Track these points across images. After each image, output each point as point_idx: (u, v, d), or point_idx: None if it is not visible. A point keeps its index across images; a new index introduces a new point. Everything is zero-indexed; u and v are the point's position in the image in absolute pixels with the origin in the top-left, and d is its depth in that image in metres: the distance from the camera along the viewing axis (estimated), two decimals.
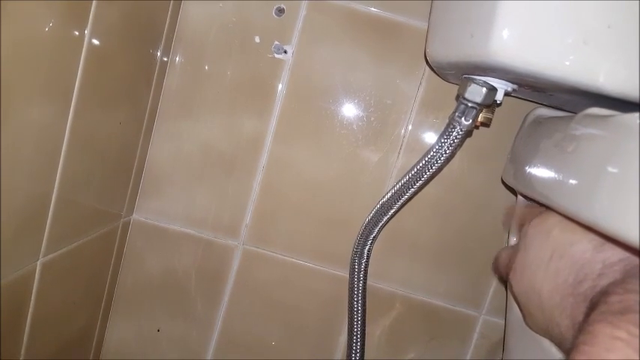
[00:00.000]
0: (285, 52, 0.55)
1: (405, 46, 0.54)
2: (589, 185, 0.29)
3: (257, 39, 0.55)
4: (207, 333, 0.61)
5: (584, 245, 0.31)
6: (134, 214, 0.59)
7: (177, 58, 0.56)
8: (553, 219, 0.35)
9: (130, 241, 0.60)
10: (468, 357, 0.59)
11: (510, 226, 0.43)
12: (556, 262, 0.33)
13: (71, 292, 0.50)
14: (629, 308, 0.22)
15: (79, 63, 0.38)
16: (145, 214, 0.59)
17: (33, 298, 0.42)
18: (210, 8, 0.55)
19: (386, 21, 0.53)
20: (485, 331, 0.59)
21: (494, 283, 0.57)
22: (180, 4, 0.55)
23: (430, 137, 0.55)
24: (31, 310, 0.43)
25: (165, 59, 0.55)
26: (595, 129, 0.31)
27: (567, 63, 0.33)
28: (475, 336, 0.59)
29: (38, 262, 0.42)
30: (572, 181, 0.31)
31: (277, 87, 0.56)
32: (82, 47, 0.38)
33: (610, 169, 0.28)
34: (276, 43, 0.55)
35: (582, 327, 0.24)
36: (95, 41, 0.39)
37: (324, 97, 0.55)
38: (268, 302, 0.60)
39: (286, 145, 0.57)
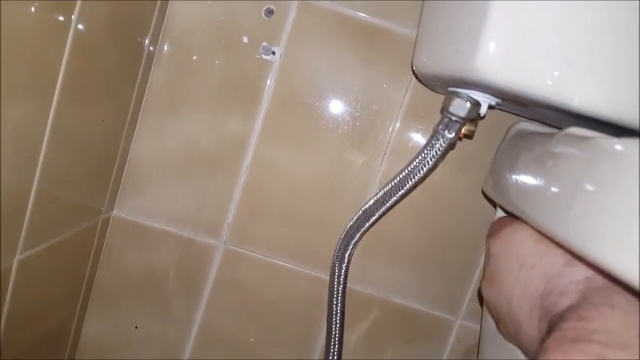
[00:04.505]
0: (274, 53, 0.55)
1: (393, 53, 0.54)
2: (564, 204, 0.30)
3: (245, 39, 0.54)
4: (185, 331, 0.61)
5: (555, 258, 0.32)
6: (114, 211, 0.59)
7: (164, 55, 0.55)
8: (527, 228, 0.36)
9: (109, 238, 0.59)
10: (445, 359, 0.60)
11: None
12: (527, 272, 0.33)
13: (48, 290, 0.49)
14: (580, 337, 0.23)
15: (62, 57, 0.38)
16: (125, 210, 0.59)
17: (9, 295, 0.42)
18: (198, 7, 0.54)
19: (375, 27, 0.54)
20: (461, 336, 0.60)
21: (471, 289, 0.58)
22: (168, 2, 0.54)
23: (414, 144, 0.56)
24: (6, 307, 0.42)
25: (152, 55, 0.54)
26: (573, 149, 0.32)
27: (550, 82, 0.33)
28: (451, 340, 0.60)
29: (15, 260, 0.41)
30: (548, 198, 0.32)
31: (264, 88, 0.55)
32: (67, 41, 0.37)
33: (585, 190, 0.28)
34: (265, 44, 0.54)
35: (538, 351, 0.24)
36: (80, 37, 0.39)
37: (310, 100, 0.55)
38: (248, 302, 0.60)
39: (271, 146, 0.57)
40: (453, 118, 0.39)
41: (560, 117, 0.40)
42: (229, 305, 0.60)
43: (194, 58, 0.55)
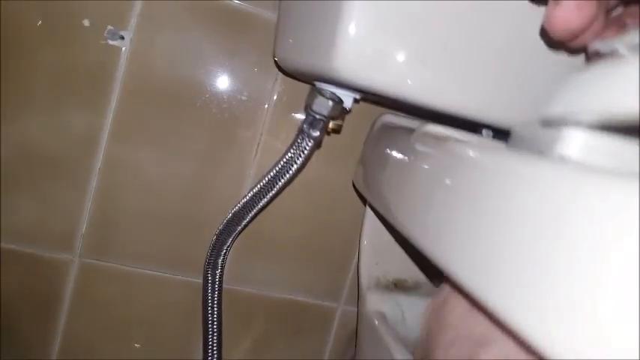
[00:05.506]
0: (122, 38, 0.48)
1: (259, 39, 0.50)
2: (421, 208, 0.30)
3: (86, 22, 0.46)
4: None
5: (475, 332, 0.28)
6: None
7: None
8: (457, 295, 0.32)
9: None
10: (330, 345, 0.61)
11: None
12: (457, 349, 0.29)
13: None
14: None
15: None
16: None
17: None
18: None
19: (238, 11, 0.49)
20: (345, 321, 0.61)
21: (350, 275, 0.59)
22: None
23: (288, 135, 0.54)
24: None
25: None
26: (429, 149, 0.32)
27: (409, 82, 0.33)
28: (335, 326, 0.61)
29: None
30: (407, 200, 0.32)
31: (113, 77, 0.48)
32: None
33: (438, 194, 0.28)
34: (110, 27, 0.47)
35: None
36: None
37: (169, 90, 0.50)
38: (115, 320, 0.54)
39: (126, 144, 0.50)
40: (317, 116, 0.37)
41: (425, 111, 0.41)
42: (92, 326, 0.54)
43: (28, 46, 0.46)
